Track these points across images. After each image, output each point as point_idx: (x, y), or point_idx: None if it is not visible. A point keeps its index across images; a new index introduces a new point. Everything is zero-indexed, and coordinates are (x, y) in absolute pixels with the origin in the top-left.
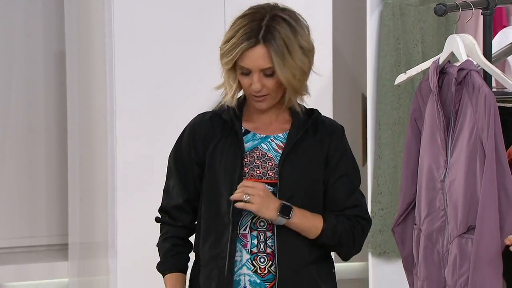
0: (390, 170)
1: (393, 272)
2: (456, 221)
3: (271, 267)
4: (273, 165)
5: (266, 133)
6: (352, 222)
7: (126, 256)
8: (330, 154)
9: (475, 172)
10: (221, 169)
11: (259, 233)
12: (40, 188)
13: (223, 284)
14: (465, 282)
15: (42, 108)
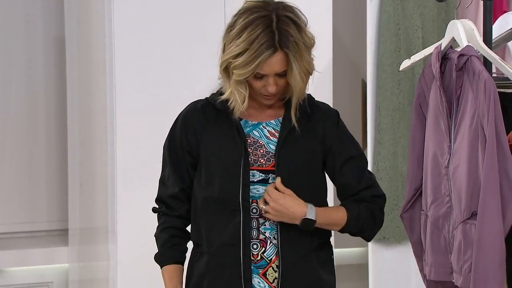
0: (390, 155)
1: (392, 257)
2: (460, 207)
3: (264, 253)
4: (265, 152)
5: (258, 119)
6: (371, 204)
7: (126, 241)
8: (327, 140)
9: (477, 158)
10: (220, 157)
11: (252, 220)
12: (40, 173)
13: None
14: (469, 268)
15: (42, 93)
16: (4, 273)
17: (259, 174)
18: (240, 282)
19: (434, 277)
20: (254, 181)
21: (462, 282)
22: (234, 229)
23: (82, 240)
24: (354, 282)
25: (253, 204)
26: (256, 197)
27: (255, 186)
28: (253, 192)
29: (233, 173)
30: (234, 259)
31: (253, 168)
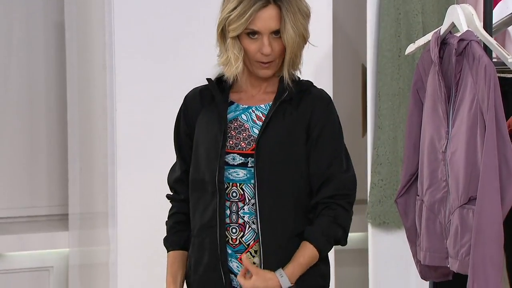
0: (390, 140)
1: (392, 242)
2: (458, 192)
3: (242, 238)
4: (247, 136)
5: (248, 103)
6: (333, 211)
7: (126, 226)
8: (311, 125)
9: (475, 143)
10: (205, 140)
11: (232, 204)
12: (41, 158)
13: (216, 252)
14: (467, 253)
15: (42, 78)
16: (4, 258)
17: (239, 158)
18: (218, 264)
19: (429, 262)
20: (235, 165)
21: (458, 266)
22: (213, 211)
23: (82, 224)
24: (354, 267)
25: (233, 187)
26: (236, 180)
27: (235, 170)
28: (233, 176)
29: (213, 156)
30: (212, 241)
31: (233, 152)
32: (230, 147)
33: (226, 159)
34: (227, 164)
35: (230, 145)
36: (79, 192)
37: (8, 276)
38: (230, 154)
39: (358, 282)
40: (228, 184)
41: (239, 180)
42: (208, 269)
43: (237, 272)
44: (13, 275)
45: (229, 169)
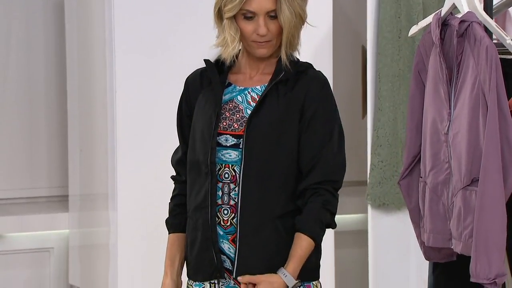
0: (390, 122)
1: (392, 223)
2: (460, 173)
3: (233, 219)
4: (240, 117)
5: (245, 85)
6: (322, 197)
7: (126, 207)
8: (305, 106)
9: (478, 124)
10: (201, 121)
11: (224, 185)
12: (40, 139)
13: (208, 233)
14: (470, 234)
15: (41, 59)
16: (4, 239)
17: (231, 139)
18: (210, 245)
19: (432, 243)
20: (227, 146)
21: (462, 248)
22: (205, 192)
23: (83, 206)
24: (354, 249)
25: (226, 168)
26: (228, 161)
27: (227, 151)
28: (226, 157)
29: (206, 137)
30: (204, 222)
31: (226, 133)
32: (223, 128)
33: (219, 140)
34: (219, 145)
35: (223, 126)
36: (79, 174)
37: (8, 257)
38: (223, 135)
39: (357, 264)
40: (220, 165)
41: (231, 161)
42: (201, 249)
43: (229, 253)
44: (13, 256)
45: (221, 150)
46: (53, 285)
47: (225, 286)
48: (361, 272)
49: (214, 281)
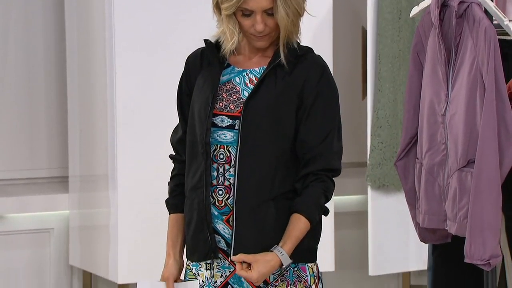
0: (389, 103)
1: (392, 204)
2: (456, 154)
3: (228, 200)
4: (236, 98)
5: (244, 66)
6: (324, 184)
7: (126, 188)
8: (305, 94)
9: (475, 106)
10: (198, 101)
11: (219, 166)
12: (40, 120)
13: (203, 213)
14: (465, 215)
15: (41, 39)
16: (5, 219)
17: (227, 120)
18: (205, 225)
19: (427, 224)
20: (223, 127)
21: (456, 229)
22: (200, 172)
23: (83, 187)
24: (354, 230)
25: (221, 149)
26: (223, 142)
27: (223, 132)
28: (221, 138)
29: (203, 118)
30: (199, 202)
31: (222, 113)
32: (219, 109)
33: (215, 121)
34: (215, 126)
35: (219, 107)
36: (79, 154)
37: (9, 238)
38: (218, 116)
39: (357, 245)
40: (216, 146)
41: (226, 142)
42: (197, 229)
43: (223, 233)
44: (13, 237)
45: (217, 131)
46: (53, 266)
47: (220, 266)
48: (360, 253)
49: (209, 261)
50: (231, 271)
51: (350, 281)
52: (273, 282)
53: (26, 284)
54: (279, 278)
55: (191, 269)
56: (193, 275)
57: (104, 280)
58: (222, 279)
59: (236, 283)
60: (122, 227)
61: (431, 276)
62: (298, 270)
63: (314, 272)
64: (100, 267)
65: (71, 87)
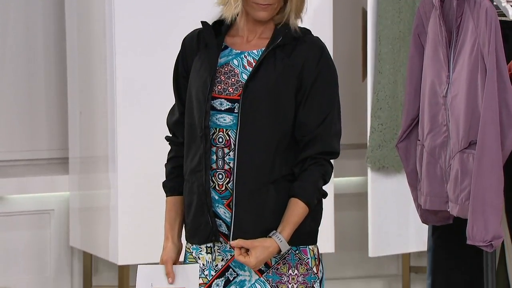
0: (390, 85)
1: (392, 186)
2: (458, 136)
3: (228, 184)
4: (235, 81)
5: (241, 49)
6: (323, 168)
7: (126, 170)
8: (304, 76)
9: (476, 87)
10: (196, 84)
11: (218, 149)
12: (40, 101)
13: (203, 196)
14: (466, 197)
15: (40, 19)
16: (5, 201)
17: (226, 103)
18: (205, 209)
19: (429, 206)
20: (222, 110)
21: (458, 211)
22: (200, 156)
23: (83, 168)
24: (354, 211)
25: (220, 133)
26: (222, 126)
27: (222, 115)
28: (220, 121)
29: (201, 101)
30: (199, 185)
31: (221, 97)
32: (218, 92)
33: (214, 104)
34: (214, 109)
35: (218, 90)
36: (79, 136)
37: (9, 219)
38: (217, 99)
39: (357, 226)
40: (215, 130)
41: (225, 126)
42: (197, 213)
43: (224, 217)
44: (14, 218)
45: (216, 115)
46: (54, 247)
47: (221, 250)
48: (360, 234)
49: (210, 245)
50: (232, 254)
51: (350, 263)
52: (275, 265)
53: (27, 265)
54: (280, 261)
55: (191, 253)
56: (193, 258)
57: (104, 261)
58: (223, 262)
59: (238, 266)
60: (122, 208)
61: (431, 257)
62: (299, 252)
63: (315, 254)
64: (101, 249)
65: (71, 68)
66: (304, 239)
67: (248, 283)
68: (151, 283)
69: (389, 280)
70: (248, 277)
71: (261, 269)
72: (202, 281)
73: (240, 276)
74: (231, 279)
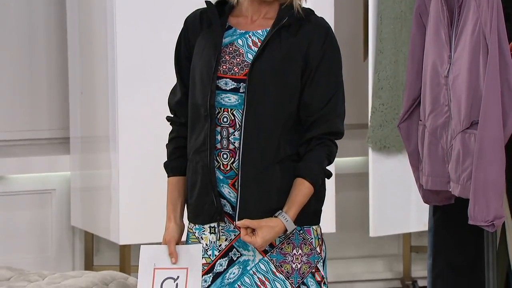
0: (391, 65)
1: (393, 166)
2: (460, 116)
3: (233, 163)
4: (240, 61)
5: (246, 29)
6: (328, 148)
7: (127, 149)
8: (310, 56)
9: (478, 67)
10: (200, 64)
11: (222, 129)
12: (41, 81)
13: (208, 176)
14: (468, 177)
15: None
16: (6, 180)
17: (231, 83)
18: (210, 189)
19: (431, 186)
20: (227, 90)
21: (460, 191)
22: (204, 135)
23: (84, 148)
24: (354, 191)
25: (225, 113)
26: (227, 105)
27: (227, 95)
28: (225, 101)
29: (206, 81)
30: (204, 165)
31: (226, 76)
32: (223, 71)
33: (219, 83)
34: (219, 89)
35: (223, 70)
36: (80, 116)
37: (10, 198)
38: (222, 79)
39: (358, 207)
40: (219, 109)
41: (231, 106)
42: (201, 193)
43: (229, 197)
44: (15, 197)
45: (221, 94)
46: (55, 227)
47: (225, 230)
48: (361, 214)
49: (214, 225)
50: (236, 234)
51: (351, 243)
52: (279, 245)
53: (28, 244)
54: (285, 241)
55: (193, 233)
56: (195, 238)
57: (106, 241)
58: (227, 242)
59: (241, 246)
60: (123, 188)
61: (432, 238)
62: (303, 232)
63: (318, 234)
64: (102, 228)
65: (71, 47)
66: (308, 219)
67: (251, 263)
68: (154, 263)
69: (390, 260)
70: (252, 257)
71: (265, 249)
72: (205, 261)
73: (243, 256)
74: (234, 259)
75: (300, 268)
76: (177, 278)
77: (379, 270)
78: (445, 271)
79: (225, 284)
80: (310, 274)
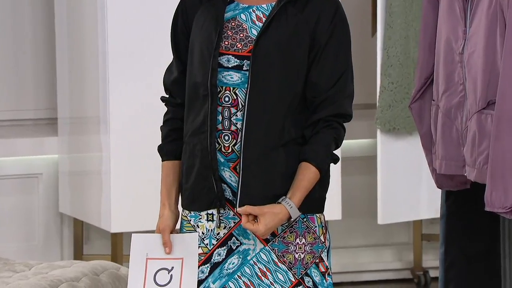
0: (401, 40)
1: (402, 148)
2: (475, 95)
3: (235, 146)
4: (244, 37)
5: (249, 3)
6: (335, 131)
7: (119, 132)
8: (318, 33)
9: (495, 43)
10: (199, 40)
11: (224, 109)
12: (26, 57)
13: (207, 159)
14: (485, 161)
15: None
16: None
17: (234, 60)
18: (209, 173)
19: (445, 170)
20: (229, 67)
21: (476, 175)
22: (204, 116)
23: (73, 130)
24: (362, 175)
25: (226, 92)
26: (229, 84)
27: (229, 73)
28: (227, 79)
29: (206, 57)
30: (203, 148)
31: (228, 53)
32: (225, 47)
33: (220, 60)
34: (220, 66)
35: (225, 46)
36: (68, 95)
37: None
38: (224, 56)
39: (365, 192)
40: (221, 88)
41: (233, 84)
42: (199, 177)
43: (230, 182)
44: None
45: (222, 72)
46: (42, 213)
47: (224, 217)
48: (369, 200)
49: (212, 212)
50: (236, 222)
51: (358, 230)
52: (281, 234)
53: (13, 232)
54: (287, 229)
55: (188, 221)
56: (191, 226)
57: (96, 229)
58: (226, 230)
59: (241, 234)
60: (115, 172)
61: (444, 225)
62: (307, 220)
63: (322, 222)
64: (92, 215)
65: (59, 21)
66: (312, 206)
67: (252, 252)
68: (147, 253)
69: (399, 249)
70: (253, 246)
71: (267, 238)
72: (202, 250)
73: (244, 245)
74: (234, 248)
75: (303, 258)
76: (172, 269)
77: (387, 259)
78: (458, 260)
79: (224, 275)
80: (313, 264)
